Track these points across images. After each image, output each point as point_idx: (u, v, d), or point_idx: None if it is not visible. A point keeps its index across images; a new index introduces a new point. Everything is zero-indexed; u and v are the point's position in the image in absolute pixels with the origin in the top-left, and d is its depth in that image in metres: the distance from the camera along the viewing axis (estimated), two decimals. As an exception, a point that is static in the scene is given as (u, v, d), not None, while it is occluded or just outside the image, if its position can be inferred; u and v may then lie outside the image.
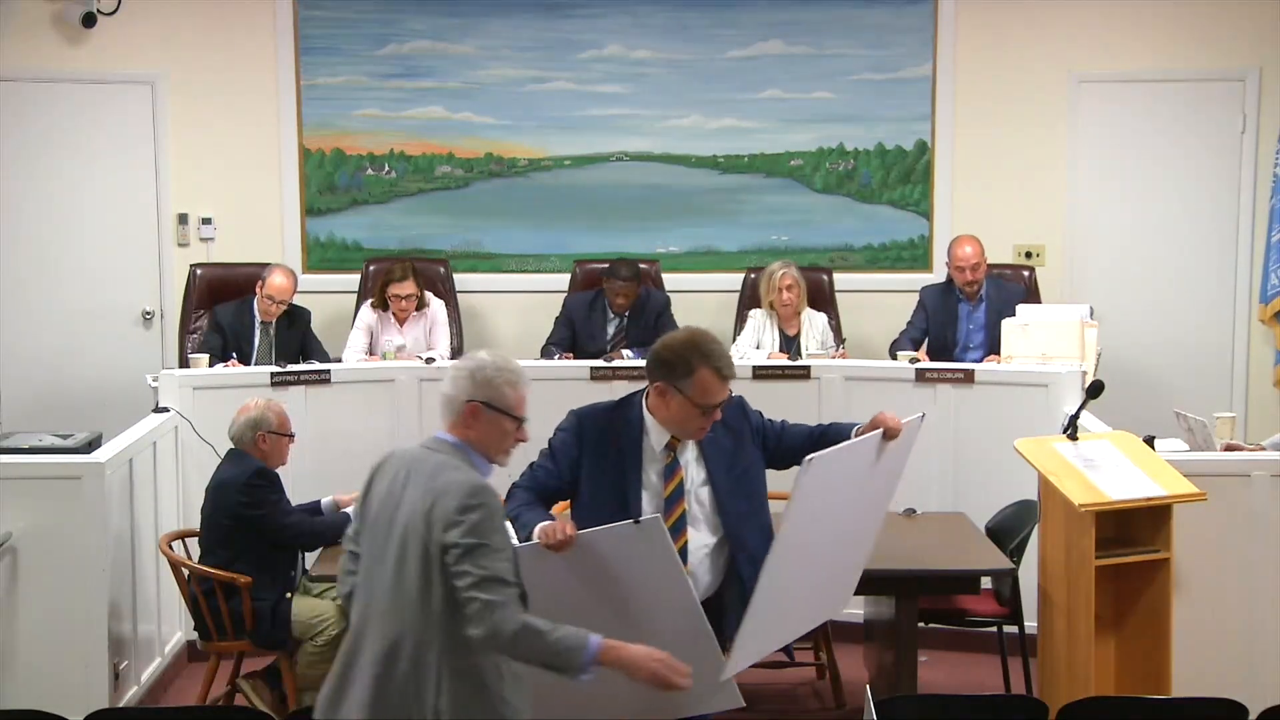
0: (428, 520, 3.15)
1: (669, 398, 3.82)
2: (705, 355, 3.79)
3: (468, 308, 7.66)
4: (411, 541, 3.16)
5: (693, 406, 3.80)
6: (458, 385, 3.31)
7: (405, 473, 3.26)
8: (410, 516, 3.18)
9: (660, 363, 3.84)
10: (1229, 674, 4.74)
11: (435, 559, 3.13)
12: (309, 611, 5.05)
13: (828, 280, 7.46)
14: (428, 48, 7.68)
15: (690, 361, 3.78)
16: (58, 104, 7.48)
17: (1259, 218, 7.53)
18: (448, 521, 3.12)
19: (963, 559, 4.85)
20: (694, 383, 3.78)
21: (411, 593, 3.16)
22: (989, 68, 7.63)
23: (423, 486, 3.20)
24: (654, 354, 3.90)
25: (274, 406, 5.22)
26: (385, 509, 3.25)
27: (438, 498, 3.15)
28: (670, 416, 3.86)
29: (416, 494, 3.20)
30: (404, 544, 3.17)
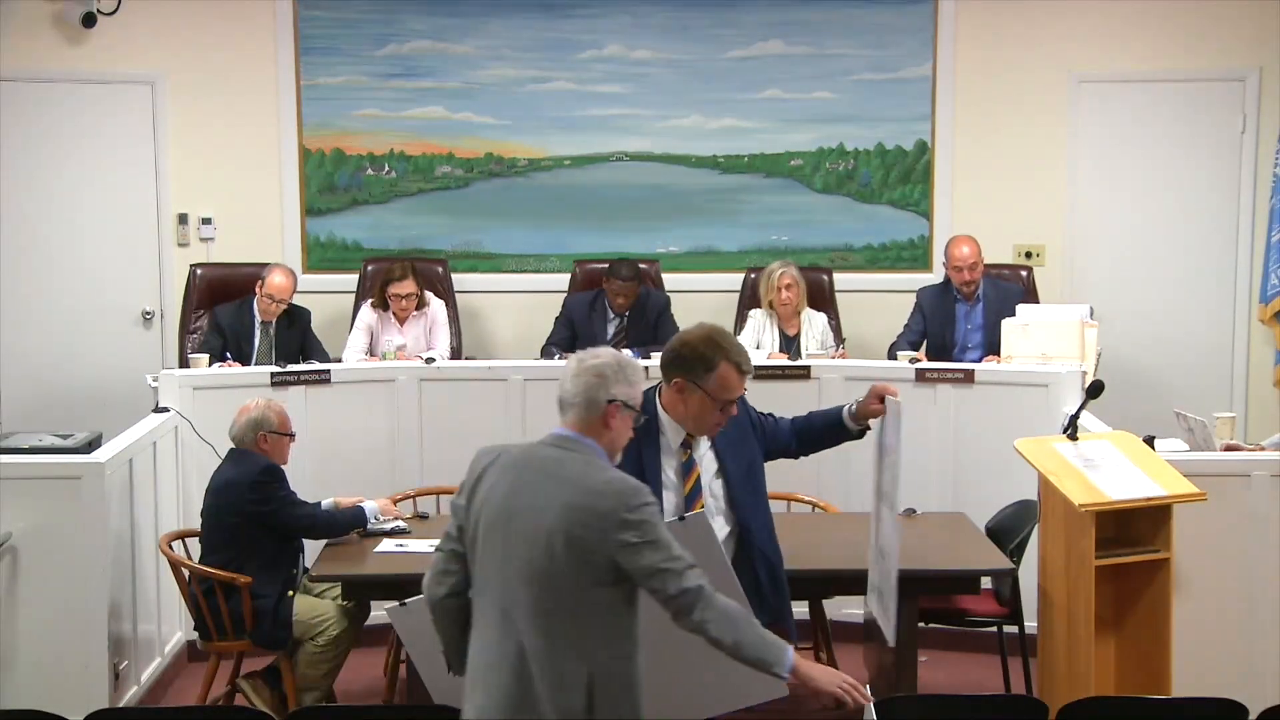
0: (584, 521, 3.12)
1: (688, 394, 3.87)
2: (725, 351, 3.84)
3: (468, 308, 7.67)
4: (559, 541, 3.12)
5: (712, 402, 3.85)
6: (595, 384, 3.28)
7: (534, 472, 3.22)
8: (558, 516, 3.14)
9: (680, 360, 3.88)
10: (1229, 674, 4.74)
11: (594, 560, 3.12)
12: (309, 611, 5.05)
13: (828, 280, 7.46)
14: (428, 48, 7.68)
15: (710, 358, 3.82)
16: (58, 104, 7.48)
17: (1259, 218, 7.54)
18: (619, 521, 3.11)
19: (963, 559, 4.85)
20: (715, 378, 3.82)
21: (558, 592, 3.13)
22: (989, 68, 7.63)
23: (571, 486, 3.17)
24: (672, 351, 3.92)
25: (275, 406, 5.22)
26: (512, 508, 3.20)
27: (597, 498, 3.14)
28: (688, 413, 3.90)
29: (563, 493, 3.16)
30: (549, 544, 3.13)
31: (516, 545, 3.17)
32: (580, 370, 3.31)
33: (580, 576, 3.13)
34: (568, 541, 3.12)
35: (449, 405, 6.28)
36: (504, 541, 3.19)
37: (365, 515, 5.13)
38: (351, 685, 5.51)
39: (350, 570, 4.90)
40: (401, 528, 5.17)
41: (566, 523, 3.13)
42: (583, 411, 3.28)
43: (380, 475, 6.04)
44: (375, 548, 5.02)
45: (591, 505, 3.14)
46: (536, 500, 3.18)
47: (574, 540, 3.12)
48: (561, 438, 3.28)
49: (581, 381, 3.29)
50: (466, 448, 6.29)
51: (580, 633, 3.15)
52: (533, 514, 3.17)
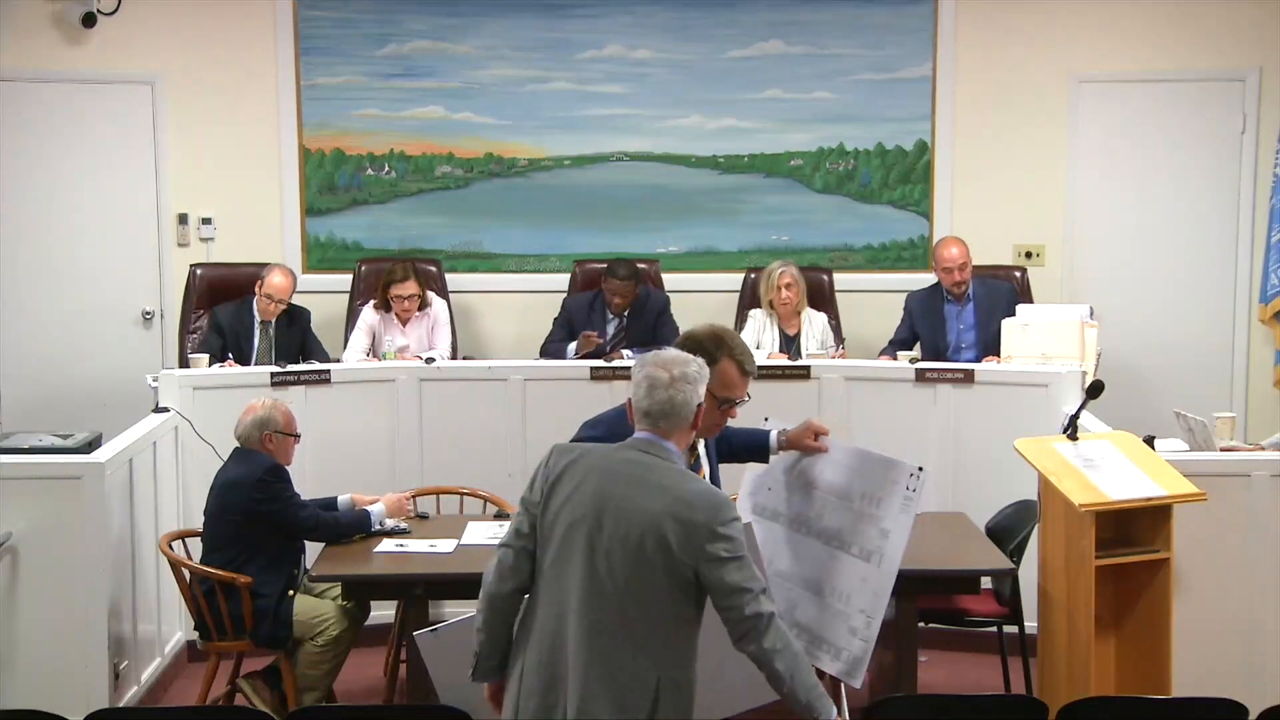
0: (677, 529, 3.16)
1: None
2: (729, 348, 3.86)
3: (469, 307, 7.67)
4: (650, 545, 3.16)
5: (713, 400, 3.84)
6: (689, 392, 3.34)
7: (624, 477, 3.24)
8: (651, 522, 3.17)
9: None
10: (1229, 674, 4.75)
11: (679, 569, 3.16)
12: (310, 611, 5.04)
13: (828, 280, 7.46)
14: (428, 48, 7.68)
15: (713, 354, 3.82)
16: (58, 104, 7.48)
17: (1259, 218, 7.53)
18: (711, 533, 3.15)
19: (963, 559, 4.85)
20: (716, 374, 3.81)
21: (640, 596, 3.17)
22: (989, 68, 7.63)
23: (664, 493, 3.20)
24: (680, 345, 3.91)
25: (280, 407, 5.22)
26: (602, 509, 3.21)
27: (690, 508, 3.18)
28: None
29: (656, 500, 3.19)
30: (640, 548, 3.16)
31: (605, 546, 3.20)
32: (673, 380, 3.34)
33: (666, 582, 3.17)
34: (659, 547, 3.16)
35: (449, 405, 6.28)
36: (589, 542, 3.21)
37: (370, 520, 5.12)
38: (351, 685, 5.51)
39: (350, 570, 4.90)
40: (402, 528, 5.17)
41: (660, 529, 3.17)
42: (678, 421, 3.34)
43: (380, 475, 6.04)
44: (375, 548, 5.02)
45: (685, 515, 3.18)
46: (628, 504, 3.20)
47: (665, 547, 3.16)
48: (647, 442, 3.32)
49: (673, 393, 3.33)
50: (466, 448, 6.36)
51: (653, 636, 3.19)
52: (624, 517, 3.19)
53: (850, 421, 6.20)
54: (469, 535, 5.01)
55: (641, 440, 3.33)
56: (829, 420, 6.12)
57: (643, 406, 3.35)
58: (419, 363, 6.43)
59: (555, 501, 3.27)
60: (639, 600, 3.18)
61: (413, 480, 6.02)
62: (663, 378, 3.35)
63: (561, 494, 3.27)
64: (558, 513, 3.26)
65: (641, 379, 3.38)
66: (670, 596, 3.19)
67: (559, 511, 3.26)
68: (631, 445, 3.33)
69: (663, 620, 3.20)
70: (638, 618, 3.19)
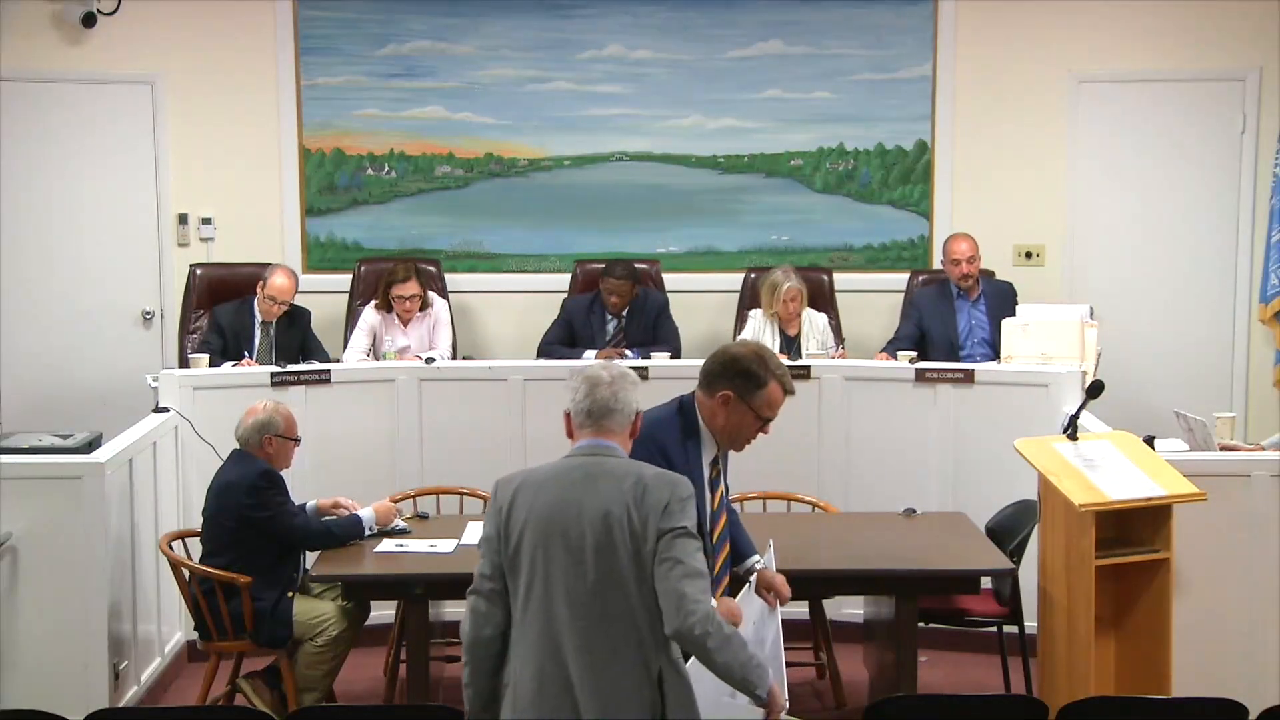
0: (638, 513, 3.17)
1: (732, 407, 3.91)
2: (774, 371, 3.92)
3: (469, 307, 7.67)
4: (620, 540, 3.17)
5: (755, 419, 3.92)
6: (630, 391, 3.37)
7: (577, 480, 3.24)
8: (606, 515, 3.18)
9: (730, 373, 3.92)
10: (1229, 674, 4.75)
11: (645, 552, 3.16)
12: (309, 611, 5.04)
13: (828, 280, 7.46)
14: (428, 48, 7.68)
15: (761, 375, 3.89)
16: (58, 104, 7.48)
17: (1259, 218, 7.54)
18: (665, 510, 3.16)
19: (963, 559, 4.86)
20: (763, 395, 3.89)
21: (624, 594, 3.17)
22: (989, 68, 7.63)
23: (621, 479, 3.21)
24: (723, 364, 3.95)
25: (282, 410, 5.21)
26: (566, 517, 3.20)
27: (647, 489, 3.19)
28: (726, 425, 3.94)
29: (614, 490, 3.20)
30: (606, 546, 3.17)
31: (574, 553, 3.19)
32: (613, 379, 3.36)
33: (636, 570, 3.17)
34: (623, 534, 3.16)
35: (449, 405, 6.28)
36: (558, 554, 3.20)
37: (362, 528, 5.12)
38: (351, 685, 5.52)
39: (350, 570, 4.91)
40: (403, 528, 5.17)
41: (619, 516, 3.17)
42: (621, 419, 3.34)
43: (380, 475, 6.04)
44: (375, 548, 5.02)
45: (640, 496, 3.19)
46: (588, 502, 3.21)
47: (628, 530, 3.17)
48: (594, 446, 3.32)
49: (616, 390, 3.34)
50: (466, 448, 6.36)
51: (643, 628, 3.19)
52: (583, 518, 3.20)
53: (850, 421, 6.21)
54: (469, 535, 5.01)
55: (584, 446, 3.33)
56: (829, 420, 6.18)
57: (584, 407, 3.34)
58: (419, 363, 6.43)
59: (514, 530, 3.25)
60: (621, 595, 3.17)
61: (413, 480, 6.02)
62: (603, 377, 3.37)
63: (518, 520, 3.25)
64: (520, 539, 3.24)
65: (579, 383, 3.38)
66: (647, 584, 3.17)
67: (521, 537, 3.24)
68: (574, 453, 3.33)
69: (648, 610, 3.18)
70: (622, 613, 3.18)
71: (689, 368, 6.50)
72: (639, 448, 3.71)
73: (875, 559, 4.82)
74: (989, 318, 6.84)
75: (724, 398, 3.91)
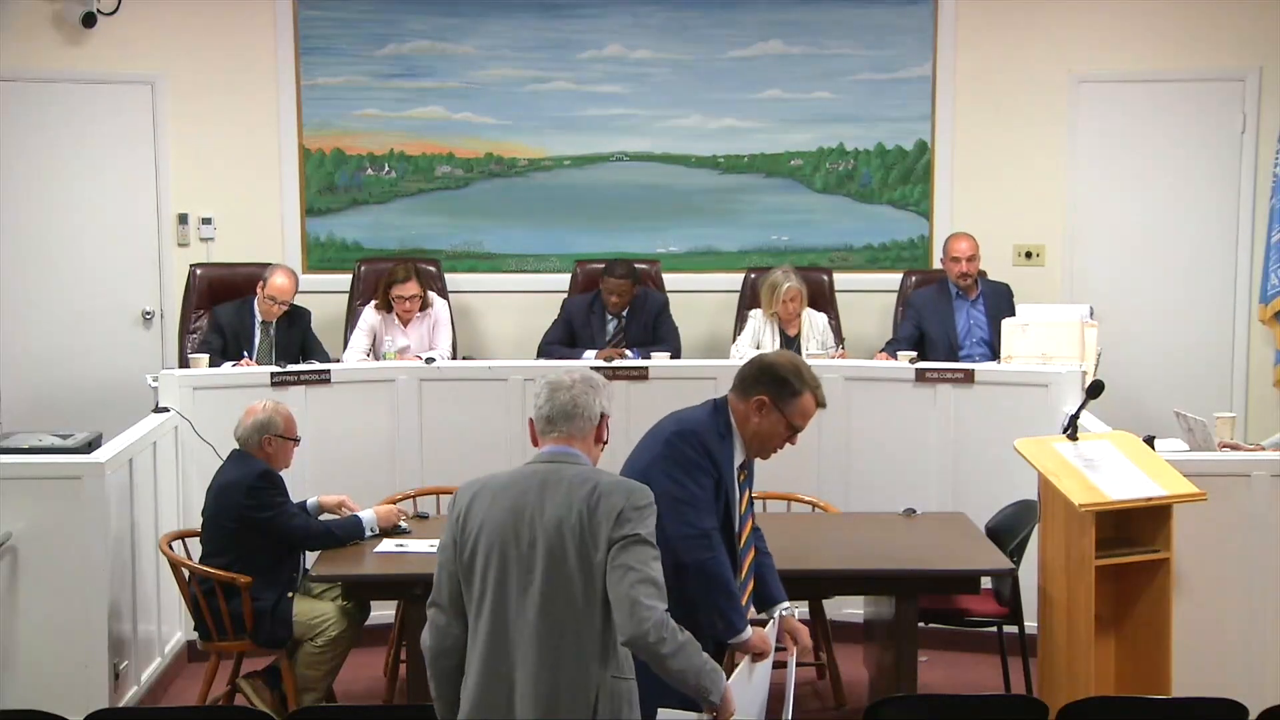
0: (590, 521, 3.14)
1: (765, 413, 3.94)
2: (809, 382, 3.96)
3: (469, 308, 7.67)
4: (571, 548, 3.14)
5: (786, 426, 3.95)
6: (590, 395, 3.32)
7: (534, 487, 3.21)
8: (563, 525, 3.15)
9: (767, 379, 3.94)
10: (1229, 674, 4.75)
11: (599, 562, 3.13)
12: (309, 612, 5.04)
13: (828, 280, 7.45)
14: (428, 48, 7.68)
15: (795, 386, 3.93)
16: (58, 104, 7.47)
17: (1259, 218, 7.53)
18: (618, 517, 3.14)
19: (963, 559, 4.86)
20: (798, 404, 3.94)
21: (573, 607, 3.15)
22: (989, 68, 7.63)
23: (577, 487, 3.18)
24: (760, 369, 3.97)
25: (281, 410, 5.21)
26: (519, 524, 3.18)
27: (601, 497, 3.16)
28: (758, 431, 3.96)
29: (570, 496, 3.17)
30: (558, 553, 3.14)
31: (525, 559, 3.17)
32: (573, 383, 3.33)
33: (587, 580, 3.14)
34: (579, 540, 3.14)
35: (449, 405, 6.28)
36: (515, 558, 3.18)
37: (363, 528, 5.12)
38: (351, 685, 5.52)
39: (350, 570, 4.91)
40: (403, 528, 5.17)
41: (576, 521, 3.15)
42: (582, 424, 3.30)
43: (380, 475, 6.04)
44: (375, 548, 5.03)
45: (598, 503, 3.16)
46: (542, 509, 3.18)
47: (583, 538, 3.14)
48: (554, 453, 3.29)
49: (576, 394, 3.31)
50: (466, 448, 6.36)
51: (592, 641, 3.16)
52: (540, 523, 3.17)
53: (850, 421, 6.21)
54: (469, 535, 5.00)
55: (545, 453, 3.30)
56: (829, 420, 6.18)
57: (544, 412, 3.31)
58: (419, 363, 6.43)
59: (469, 535, 3.23)
60: (568, 605, 3.15)
61: (413, 480, 6.02)
62: (564, 381, 3.34)
63: (473, 525, 3.23)
64: (474, 546, 3.22)
65: (541, 387, 3.35)
66: (597, 594, 3.15)
67: (475, 542, 3.22)
68: (536, 459, 3.30)
69: (595, 620, 3.16)
70: (568, 623, 3.16)
71: (689, 368, 6.55)
72: (681, 442, 3.82)
73: (875, 559, 4.82)
74: (987, 318, 6.85)
75: (758, 403, 3.94)
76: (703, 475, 3.86)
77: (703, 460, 3.86)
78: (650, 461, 3.86)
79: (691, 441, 3.87)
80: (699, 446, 3.87)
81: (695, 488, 3.83)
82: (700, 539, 3.80)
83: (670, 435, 3.90)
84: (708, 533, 3.82)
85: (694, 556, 3.78)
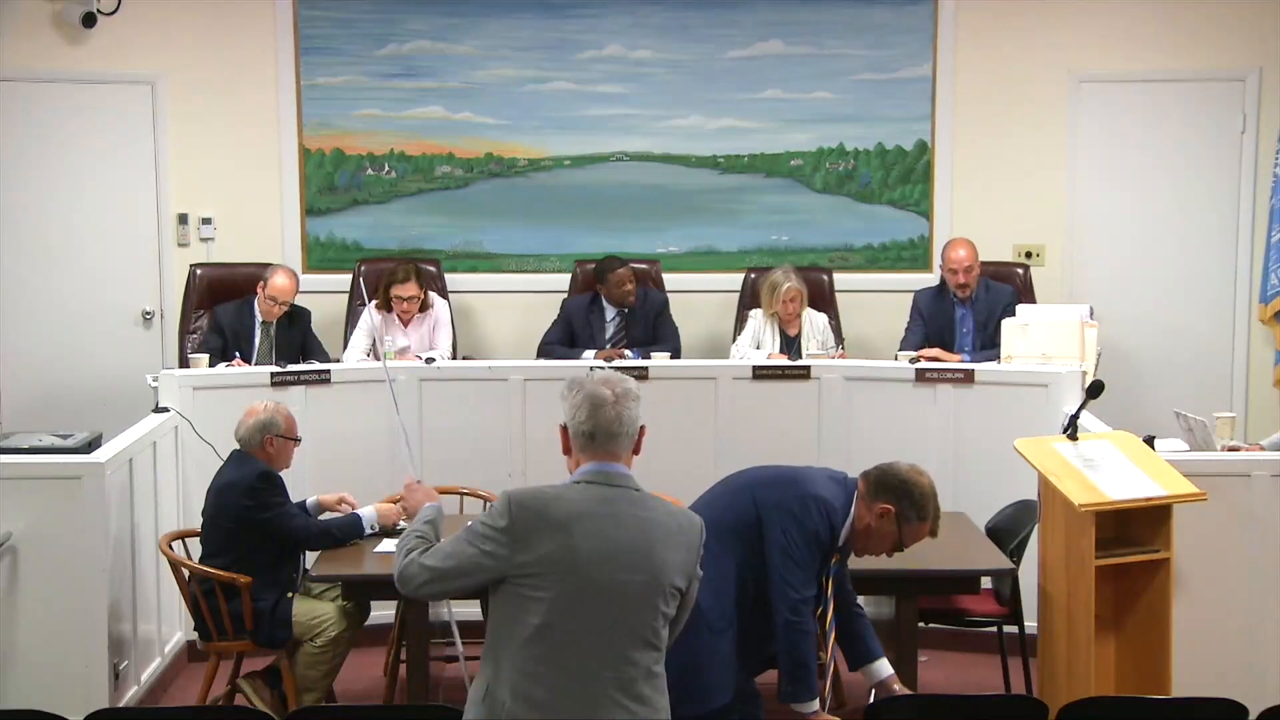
0: (686, 555, 3.15)
1: (885, 521, 4.00)
2: (934, 514, 4.05)
3: (469, 307, 7.67)
4: (667, 581, 3.11)
5: (895, 541, 4.04)
6: (633, 414, 3.18)
7: (606, 524, 3.08)
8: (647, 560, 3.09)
9: (902, 494, 4.00)
10: (1229, 674, 4.75)
11: (683, 589, 3.16)
12: (309, 612, 5.04)
13: (828, 280, 7.46)
14: (428, 48, 7.68)
15: (924, 510, 4.02)
16: (58, 104, 7.47)
17: (1259, 218, 7.53)
18: (699, 545, 3.19)
19: (963, 559, 4.85)
20: (917, 528, 4.03)
21: (656, 623, 3.11)
22: (989, 68, 7.63)
23: (660, 526, 3.13)
24: (900, 482, 4.02)
25: (282, 410, 5.21)
26: (597, 568, 3.05)
27: (684, 530, 3.18)
28: (869, 532, 4.03)
29: (645, 535, 3.10)
30: (661, 583, 3.10)
31: (627, 590, 3.07)
32: (617, 398, 3.15)
33: (655, 610, 3.11)
34: (657, 586, 3.10)
35: (449, 405, 6.28)
36: (611, 589, 3.05)
37: (362, 526, 5.12)
38: (351, 685, 5.52)
39: (350, 570, 4.91)
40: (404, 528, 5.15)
41: (679, 563, 3.14)
42: (626, 441, 3.18)
43: (380, 475, 6.03)
44: (375, 547, 5.03)
45: (683, 538, 3.16)
46: (623, 543, 3.07)
47: (678, 574, 3.14)
48: (602, 473, 3.14)
49: (621, 410, 3.15)
50: (466, 448, 6.34)
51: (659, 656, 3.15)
52: (621, 558, 3.07)
53: (850, 421, 6.21)
54: (469, 535, 5.00)
55: (594, 472, 3.13)
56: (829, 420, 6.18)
57: (585, 429, 3.13)
58: (419, 363, 6.43)
59: (533, 562, 3.04)
60: (655, 627, 3.11)
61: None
62: (606, 395, 3.14)
63: (544, 556, 3.03)
64: (542, 571, 3.04)
65: (581, 400, 3.15)
66: (656, 623, 3.12)
67: (544, 569, 3.03)
68: (590, 479, 3.13)
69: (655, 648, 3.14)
70: (651, 640, 3.11)
71: (689, 368, 6.55)
72: (814, 508, 3.90)
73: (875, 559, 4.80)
74: (974, 326, 6.84)
75: (883, 510, 3.99)
76: (816, 548, 3.93)
77: (824, 534, 3.93)
78: (774, 504, 3.92)
79: (821, 510, 3.93)
80: (826, 523, 3.94)
81: (805, 554, 3.91)
82: (802, 603, 3.91)
83: (806, 495, 3.94)
84: (807, 600, 3.92)
85: (791, 617, 3.89)
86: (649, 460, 3.34)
